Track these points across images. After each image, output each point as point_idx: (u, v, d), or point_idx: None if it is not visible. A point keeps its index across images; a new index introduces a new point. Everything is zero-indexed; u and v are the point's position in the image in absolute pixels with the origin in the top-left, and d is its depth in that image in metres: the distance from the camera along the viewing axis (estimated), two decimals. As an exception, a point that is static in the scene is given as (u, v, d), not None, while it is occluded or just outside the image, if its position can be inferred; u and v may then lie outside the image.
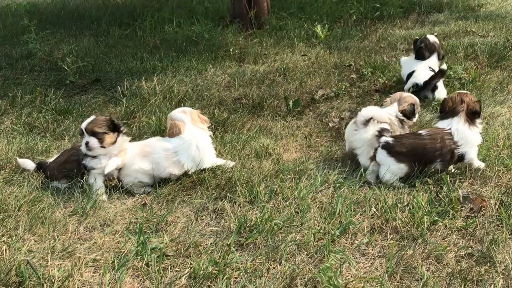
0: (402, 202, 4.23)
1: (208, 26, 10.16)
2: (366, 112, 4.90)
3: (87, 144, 4.56)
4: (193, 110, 4.99)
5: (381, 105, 5.25)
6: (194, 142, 4.74)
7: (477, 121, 4.65)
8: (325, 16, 10.64)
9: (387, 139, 4.66)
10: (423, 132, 4.68)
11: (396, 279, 3.43)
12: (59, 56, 8.75)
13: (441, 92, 6.41)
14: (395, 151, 4.60)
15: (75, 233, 4.07)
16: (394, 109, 5.07)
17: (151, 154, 4.72)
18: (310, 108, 6.51)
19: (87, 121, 4.65)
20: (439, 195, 4.29)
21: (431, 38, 6.89)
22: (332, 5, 11.35)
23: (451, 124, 4.62)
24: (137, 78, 7.61)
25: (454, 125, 4.60)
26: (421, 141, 4.60)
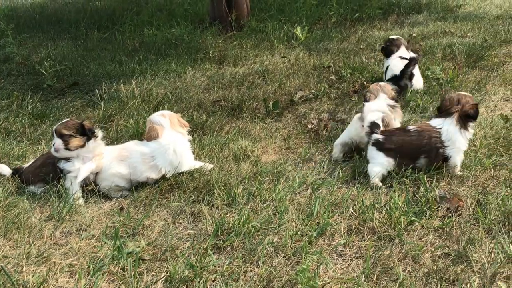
0: (380, 203, 4.23)
1: (188, 29, 10.16)
2: (371, 118, 4.90)
3: (54, 145, 4.57)
4: (173, 114, 4.97)
5: (366, 101, 5.23)
6: (172, 147, 4.72)
7: (470, 125, 4.65)
8: (305, 18, 10.67)
9: (378, 137, 4.71)
10: (412, 128, 4.74)
11: (373, 280, 3.43)
12: (37, 60, 8.69)
13: (418, 80, 6.71)
14: (385, 148, 4.66)
15: (51, 238, 4.03)
16: (385, 100, 5.15)
17: (128, 158, 4.70)
18: (289, 110, 6.51)
19: (58, 123, 4.67)
20: (416, 195, 4.30)
21: (394, 37, 7.17)
22: (312, 7, 11.37)
23: (443, 124, 4.65)
24: (116, 82, 7.57)
25: (446, 125, 4.63)
26: (409, 137, 4.66)
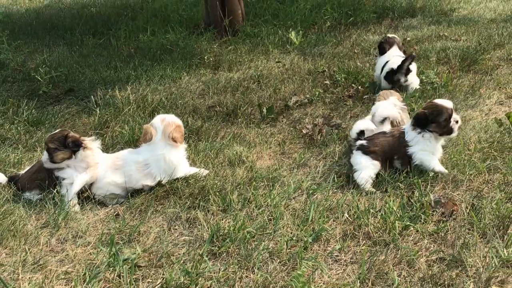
0: (375, 208, 4.25)
1: (183, 34, 10.15)
2: (382, 112, 5.13)
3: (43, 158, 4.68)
4: (171, 123, 4.79)
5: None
6: (161, 157, 4.72)
7: (432, 127, 4.64)
8: (300, 23, 10.67)
9: (362, 142, 4.82)
10: (388, 130, 4.93)
11: (368, 285, 3.44)
12: (32, 67, 8.65)
13: (414, 77, 6.92)
14: (369, 151, 4.75)
15: (47, 246, 4.04)
16: (395, 101, 5.41)
17: (122, 167, 4.71)
18: (284, 115, 6.52)
19: (48, 135, 4.74)
20: (411, 200, 4.32)
21: (390, 35, 7.53)
22: (306, 12, 11.38)
23: (407, 125, 4.84)
24: (111, 88, 7.57)
25: (407, 127, 4.80)
26: (386, 139, 4.81)
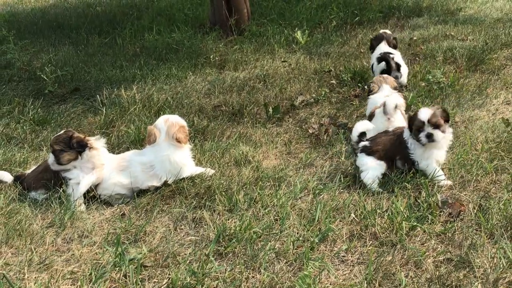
0: (381, 208, 4.23)
1: (188, 34, 10.15)
2: (393, 101, 5.17)
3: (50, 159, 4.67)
4: (174, 123, 4.77)
5: (371, 93, 5.69)
6: (166, 158, 4.71)
7: (425, 129, 4.55)
8: (305, 22, 10.65)
9: (365, 143, 4.79)
10: (390, 129, 4.92)
11: (375, 286, 3.42)
12: (38, 66, 8.68)
13: (404, 67, 6.89)
14: (372, 151, 4.72)
15: (53, 245, 4.03)
16: (389, 90, 5.56)
17: (128, 168, 4.70)
18: (290, 115, 6.51)
19: (54, 136, 4.73)
20: (418, 200, 4.29)
21: (381, 31, 7.49)
22: (312, 11, 11.38)
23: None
24: (117, 87, 7.56)
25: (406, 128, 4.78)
26: (388, 137, 4.79)
